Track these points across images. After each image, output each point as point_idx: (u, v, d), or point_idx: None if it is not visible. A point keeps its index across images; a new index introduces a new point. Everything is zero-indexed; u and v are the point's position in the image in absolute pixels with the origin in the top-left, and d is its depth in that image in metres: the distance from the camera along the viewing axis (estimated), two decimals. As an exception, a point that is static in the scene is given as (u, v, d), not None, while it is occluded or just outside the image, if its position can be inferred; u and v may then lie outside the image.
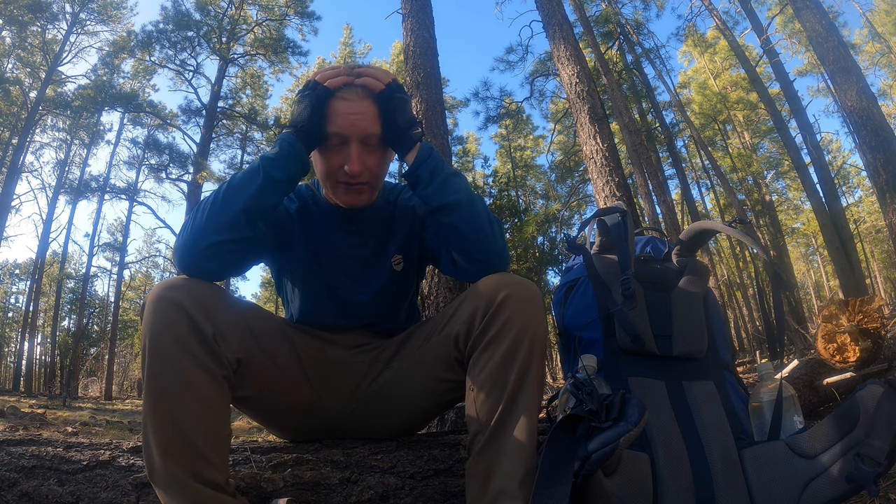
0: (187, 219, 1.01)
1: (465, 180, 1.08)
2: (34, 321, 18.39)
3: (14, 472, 1.10)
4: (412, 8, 4.54)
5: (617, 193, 4.84)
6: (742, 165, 17.20)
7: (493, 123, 13.60)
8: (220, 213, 0.97)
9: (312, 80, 1.04)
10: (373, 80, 1.05)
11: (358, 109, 1.05)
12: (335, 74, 1.04)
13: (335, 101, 1.05)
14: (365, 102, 1.05)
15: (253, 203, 0.99)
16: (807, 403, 1.82)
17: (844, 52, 6.06)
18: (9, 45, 14.75)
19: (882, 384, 0.92)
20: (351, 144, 1.06)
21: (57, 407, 7.76)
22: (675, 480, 1.02)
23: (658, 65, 13.17)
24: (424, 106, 3.95)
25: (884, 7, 17.40)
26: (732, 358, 1.30)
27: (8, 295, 26.67)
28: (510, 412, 0.91)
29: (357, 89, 1.05)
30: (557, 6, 6.27)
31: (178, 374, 0.88)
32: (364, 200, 1.14)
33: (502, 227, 1.11)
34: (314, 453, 1.17)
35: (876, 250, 23.84)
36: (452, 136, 17.75)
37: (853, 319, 1.74)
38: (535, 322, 0.95)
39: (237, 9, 15.71)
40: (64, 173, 17.04)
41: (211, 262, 0.97)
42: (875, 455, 0.88)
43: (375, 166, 1.11)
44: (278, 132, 1.49)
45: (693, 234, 1.34)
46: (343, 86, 1.05)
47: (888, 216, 5.48)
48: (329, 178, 1.11)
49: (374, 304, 1.23)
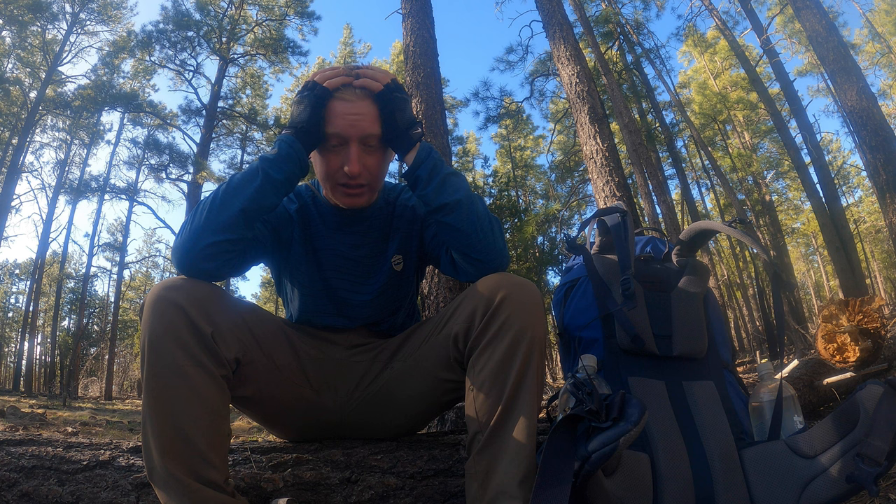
0: (186, 219, 1.01)
1: (465, 180, 1.08)
2: (34, 321, 18.39)
3: (14, 472, 1.10)
4: (412, 8, 4.54)
5: (617, 193, 4.84)
6: (742, 165, 17.19)
7: (493, 123, 13.61)
8: (219, 213, 0.97)
9: (311, 81, 1.04)
10: (372, 81, 1.04)
11: (357, 110, 1.04)
12: (334, 75, 1.04)
13: (334, 102, 1.04)
14: (364, 103, 1.05)
15: (252, 204, 0.99)
16: (807, 403, 1.82)
17: (844, 52, 6.06)
18: (9, 45, 14.75)
19: (882, 384, 0.92)
20: (350, 145, 1.05)
21: (57, 407, 7.76)
22: (675, 480, 1.02)
23: (658, 65, 13.17)
24: (424, 106, 3.95)
25: (884, 7, 17.40)
26: (732, 358, 1.30)
27: (8, 295, 26.67)
28: (510, 412, 0.91)
29: (356, 90, 1.04)
30: (557, 6, 6.27)
31: (177, 373, 0.88)
32: (363, 201, 1.14)
33: (502, 227, 1.11)
34: (314, 453, 1.17)
35: (876, 250, 23.84)
36: (452, 136, 17.74)
37: (853, 319, 1.74)
38: (535, 322, 0.95)
39: (237, 9, 15.71)
40: (64, 173, 17.05)
41: (209, 263, 0.97)
42: (875, 455, 0.88)
43: (375, 167, 1.10)
44: (278, 132, 1.48)
45: (693, 234, 1.34)
46: (342, 86, 1.04)
47: (888, 216, 5.48)
48: (328, 179, 1.11)
49: (374, 304, 1.23)
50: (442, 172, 1.05)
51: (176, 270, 1.00)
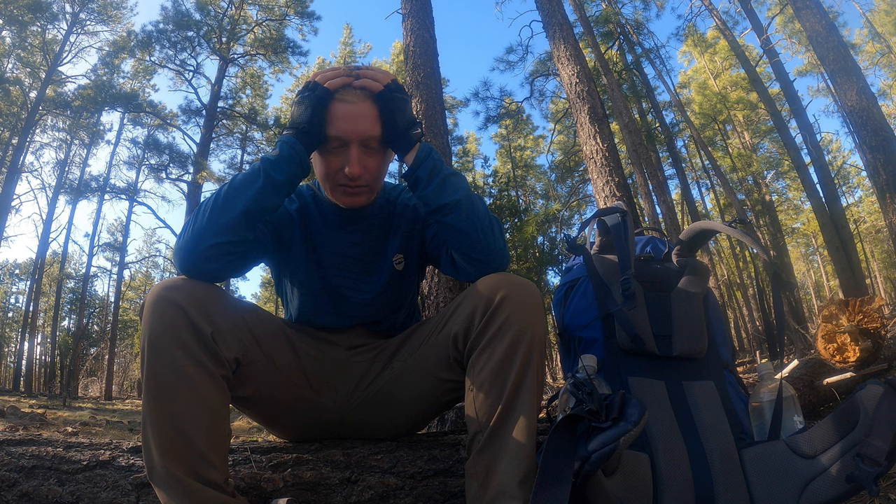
0: (188, 220, 1.01)
1: (465, 180, 1.08)
2: (34, 321, 18.39)
3: (14, 472, 1.10)
4: (412, 8, 4.54)
5: (617, 193, 4.84)
6: (742, 165, 17.19)
7: (493, 123, 13.61)
8: (221, 214, 0.97)
9: (312, 81, 1.04)
10: (372, 81, 1.04)
11: (358, 112, 1.04)
12: (335, 75, 1.04)
13: (335, 104, 1.04)
14: (365, 104, 1.04)
15: (253, 205, 0.99)
16: (807, 403, 1.82)
17: (844, 52, 6.06)
18: (9, 45, 14.75)
19: (882, 384, 0.92)
20: (351, 147, 1.05)
21: (57, 407, 7.76)
22: (675, 480, 1.02)
23: (658, 65, 13.17)
24: (424, 106, 3.95)
25: (884, 7, 17.40)
26: (732, 358, 1.30)
27: (8, 295, 26.67)
28: (509, 412, 0.91)
29: (357, 91, 1.04)
30: (557, 6, 6.27)
31: (176, 373, 0.88)
32: (363, 201, 1.14)
33: (502, 227, 1.11)
34: (314, 453, 1.18)
35: (876, 250, 23.84)
36: (452, 136, 17.75)
37: (853, 319, 1.74)
38: (534, 322, 0.95)
39: (237, 9, 15.71)
40: (64, 173, 17.05)
41: (211, 264, 0.97)
42: (875, 455, 0.88)
43: (375, 168, 1.10)
44: (278, 132, 1.50)
45: (693, 234, 1.34)
46: (343, 87, 1.04)
47: (888, 216, 5.48)
48: (329, 180, 1.11)
49: (375, 304, 1.23)
50: (442, 173, 1.05)
51: (177, 271, 1.00)
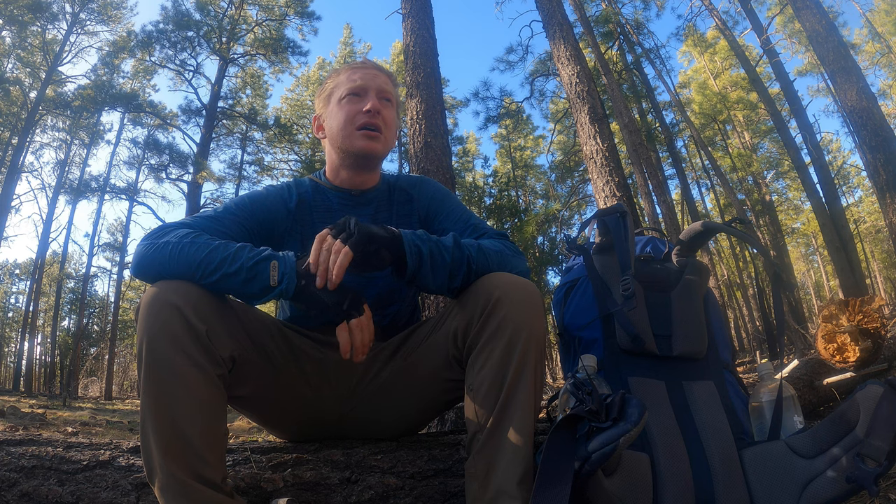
0: (170, 238, 0.97)
1: (460, 248, 1.02)
2: (34, 321, 18.39)
3: (14, 472, 1.10)
4: (412, 8, 4.54)
5: (617, 193, 4.84)
6: (742, 165, 17.19)
7: (493, 123, 13.61)
8: (196, 272, 0.93)
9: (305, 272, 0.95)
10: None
11: (375, 71, 1.23)
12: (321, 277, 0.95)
13: (350, 71, 1.23)
14: (380, 72, 1.23)
15: (233, 292, 0.97)
16: (807, 403, 1.82)
17: (844, 51, 6.06)
18: (9, 45, 14.74)
19: (882, 384, 0.92)
20: (369, 92, 1.19)
21: (57, 407, 7.76)
22: (675, 480, 1.02)
23: (658, 65, 13.17)
24: (424, 106, 3.95)
25: (884, 7, 17.39)
26: (732, 358, 1.30)
27: (8, 295, 26.66)
28: (508, 412, 0.91)
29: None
30: (557, 6, 6.28)
31: (172, 372, 0.88)
32: (380, 148, 1.21)
33: (515, 247, 1.11)
34: (314, 453, 1.17)
35: (876, 250, 23.83)
36: (452, 136, 17.75)
37: (853, 319, 1.74)
38: (533, 321, 0.95)
39: (237, 9, 15.70)
40: (64, 173, 17.06)
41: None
42: (875, 455, 0.88)
43: (391, 118, 1.22)
44: (278, 132, 1.51)
45: (693, 234, 1.34)
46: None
47: (888, 216, 5.48)
48: (348, 125, 1.18)
49: (374, 303, 1.23)
50: (430, 264, 0.98)
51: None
